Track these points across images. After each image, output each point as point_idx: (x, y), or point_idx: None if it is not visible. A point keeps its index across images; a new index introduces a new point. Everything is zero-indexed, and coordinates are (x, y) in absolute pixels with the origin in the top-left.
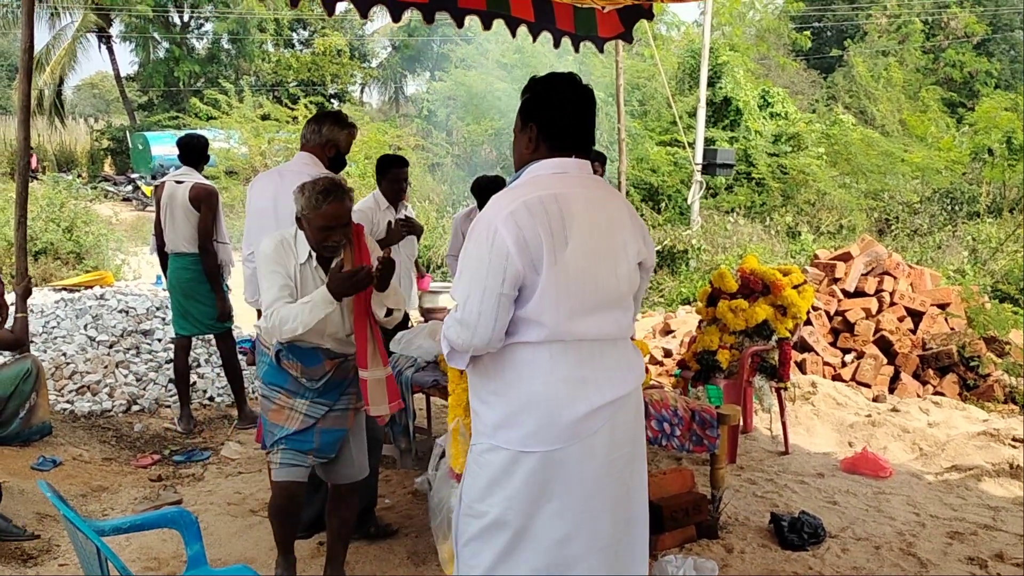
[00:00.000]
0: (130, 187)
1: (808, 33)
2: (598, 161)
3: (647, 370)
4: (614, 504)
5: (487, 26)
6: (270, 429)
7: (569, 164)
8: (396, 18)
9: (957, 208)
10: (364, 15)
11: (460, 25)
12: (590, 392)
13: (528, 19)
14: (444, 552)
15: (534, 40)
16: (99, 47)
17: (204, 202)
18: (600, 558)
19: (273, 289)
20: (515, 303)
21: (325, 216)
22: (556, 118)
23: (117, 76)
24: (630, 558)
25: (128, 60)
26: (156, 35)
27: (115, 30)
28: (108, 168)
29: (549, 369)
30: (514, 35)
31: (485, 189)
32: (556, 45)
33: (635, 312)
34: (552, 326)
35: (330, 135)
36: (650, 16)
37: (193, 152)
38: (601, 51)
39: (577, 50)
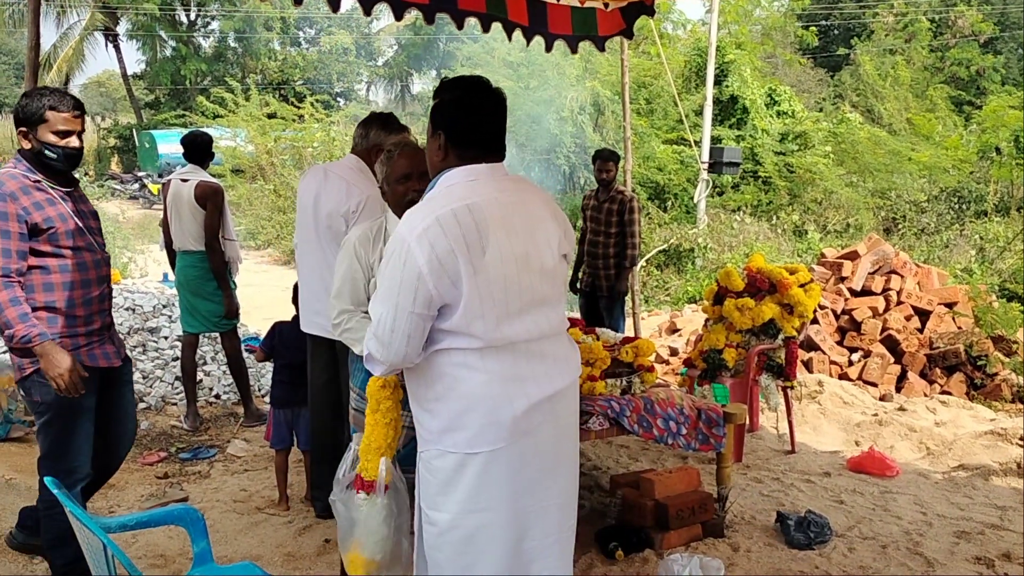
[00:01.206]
0: (137, 185)
1: (814, 30)
2: (612, 160)
3: (652, 368)
4: (563, 497)
5: (486, 28)
6: None
7: (481, 171)
8: (398, 16)
9: (964, 207)
10: (368, 12)
11: (460, 27)
12: (528, 388)
13: (523, 23)
14: (346, 560)
15: (527, 44)
16: (106, 46)
17: (210, 200)
18: (554, 552)
19: (344, 289)
20: (441, 318)
21: (401, 164)
22: (464, 126)
23: (124, 75)
24: (569, 551)
25: (135, 59)
26: (163, 34)
27: (122, 28)
28: (115, 166)
29: (485, 370)
30: (510, 38)
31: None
32: (548, 49)
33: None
34: (482, 335)
35: (376, 139)
36: (651, 12)
37: (197, 150)
38: (602, 50)
39: (574, 51)
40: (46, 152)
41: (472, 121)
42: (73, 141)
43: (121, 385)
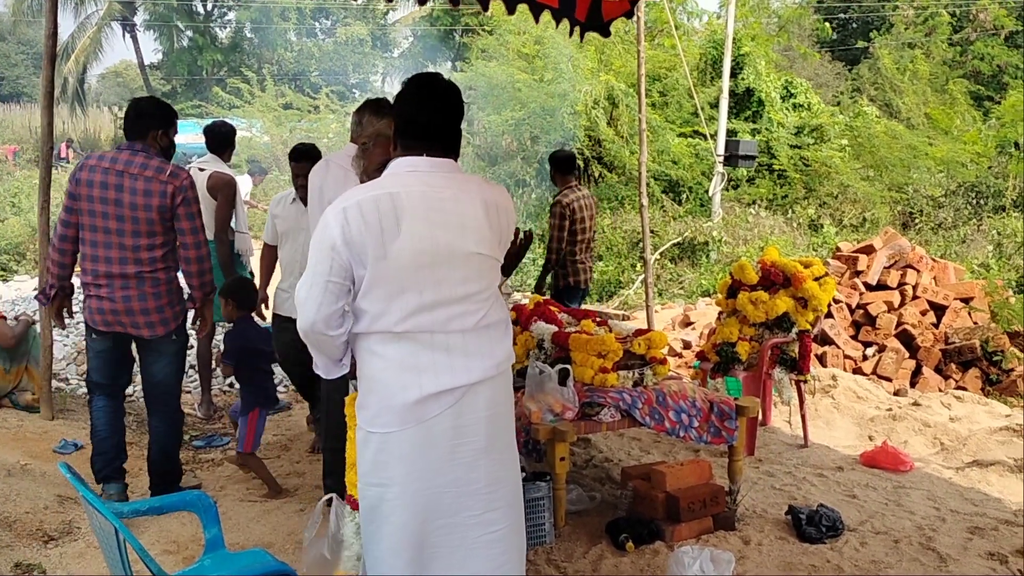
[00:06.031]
0: None
1: (828, 25)
2: (552, 165)
3: (665, 360)
4: (461, 493)
5: (511, 11)
6: None
7: (420, 163)
8: (422, 1)
9: (982, 202)
10: None
11: (485, 9)
12: (424, 379)
13: (553, 5)
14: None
15: (557, 26)
16: (123, 35)
17: (221, 191)
18: (450, 543)
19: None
20: (350, 293)
21: (377, 154)
22: (408, 119)
23: (141, 65)
24: (489, 553)
25: (152, 49)
26: (179, 24)
27: (139, 18)
28: None
29: (383, 356)
30: (537, 20)
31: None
32: (572, 34)
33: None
34: (377, 316)
35: (369, 126)
36: None
37: (218, 140)
38: (606, 36)
39: (582, 39)
40: (170, 151)
41: (415, 115)
42: None
43: None
